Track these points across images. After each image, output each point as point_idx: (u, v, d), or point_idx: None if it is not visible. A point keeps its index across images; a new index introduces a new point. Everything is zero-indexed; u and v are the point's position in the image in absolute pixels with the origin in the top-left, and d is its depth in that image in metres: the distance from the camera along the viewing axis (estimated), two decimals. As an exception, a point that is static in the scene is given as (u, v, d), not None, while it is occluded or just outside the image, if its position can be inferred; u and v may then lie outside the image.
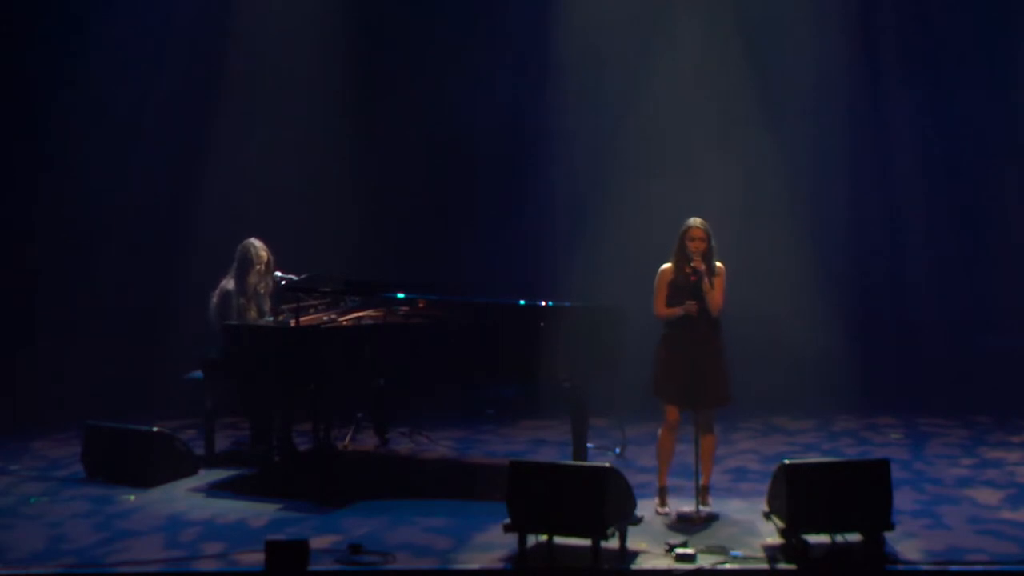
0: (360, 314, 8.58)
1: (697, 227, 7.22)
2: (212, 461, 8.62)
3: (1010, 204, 10.73)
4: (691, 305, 7.14)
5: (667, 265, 7.32)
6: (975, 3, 10.72)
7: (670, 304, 7.23)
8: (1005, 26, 10.67)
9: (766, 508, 6.68)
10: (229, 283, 8.71)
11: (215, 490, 8.01)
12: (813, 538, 6.33)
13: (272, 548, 6.22)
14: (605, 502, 6.29)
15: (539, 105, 10.85)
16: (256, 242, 8.74)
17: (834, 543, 6.35)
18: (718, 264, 7.27)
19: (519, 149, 10.97)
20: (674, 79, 10.59)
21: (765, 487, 6.76)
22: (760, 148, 10.46)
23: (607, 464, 6.52)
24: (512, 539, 6.43)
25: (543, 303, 7.96)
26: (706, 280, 7.15)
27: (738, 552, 6.44)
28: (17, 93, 10.81)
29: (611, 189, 10.57)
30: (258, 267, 8.71)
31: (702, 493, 7.23)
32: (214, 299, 8.74)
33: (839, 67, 10.66)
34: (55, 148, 10.87)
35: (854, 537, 6.37)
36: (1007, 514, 7.16)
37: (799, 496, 6.31)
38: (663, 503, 7.28)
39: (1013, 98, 10.68)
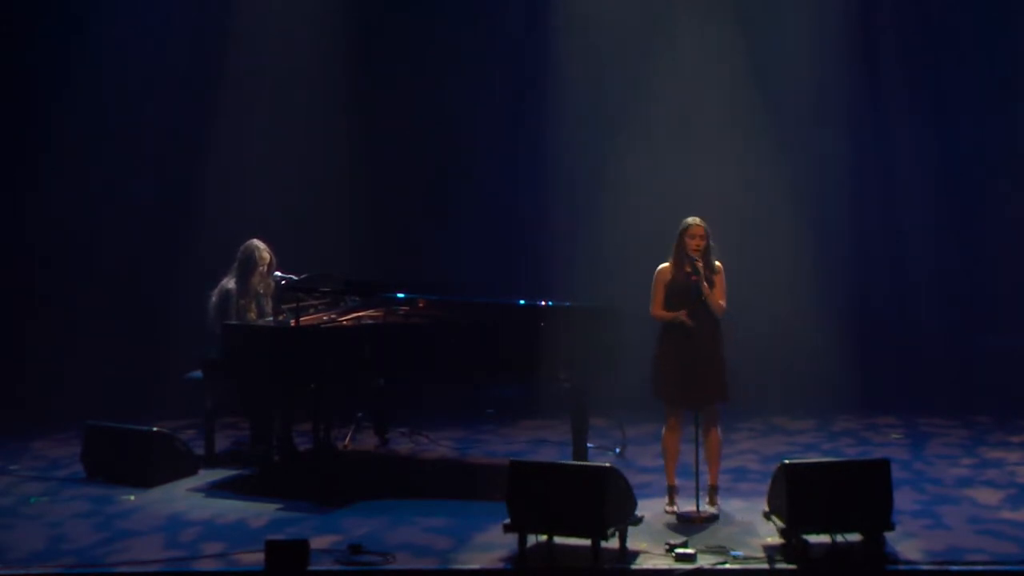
0: (360, 314, 8.58)
1: (697, 225, 7.19)
2: (212, 461, 8.62)
3: (1010, 204, 10.71)
4: (682, 314, 7.11)
5: (664, 265, 7.29)
6: (975, 4, 10.70)
7: (669, 304, 7.21)
8: (1005, 26, 10.65)
9: (766, 508, 6.68)
10: (229, 283, 8.71)
11: (215, 490, 8.01)
12: (813, 538, 6.33)
13: (272, 548, 6.22)
14: (605, 502, 6.29)
15: (538, 105, 10.84)
16: (259, 243, 8.73)
17: (834, 543, 6.35)
18: (717, 263, 7.25)
19: (519, 148, 10.97)
20: (674, 79, 10.59)
21: (765, 487, 6.77)
22: (760, 148, 10.45)
23: (607, 464, 6.53)
24: (512, 539, 6.44)
25: (543, 303, 7.96)
26: (705, 283, 7.13)
27: (738, 552, 6.44)
28: (17, 94, 10.81)
29: (610, 189, 10.57)
30: (261, 268, 8.71)
31: (709, 493, 7.23)
32: (213, 298, 8.74)
33: (839, 68, 10.65)
34: (55, 149, 10.86)
35: (854, 537, 6.38)
36: (1007, 514, 7.16)
37: (799, 496, 6.31)
38: (672, 501, 7.27)
39: (1013, 99, 10.67)
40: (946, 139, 10.75)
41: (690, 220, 7.24)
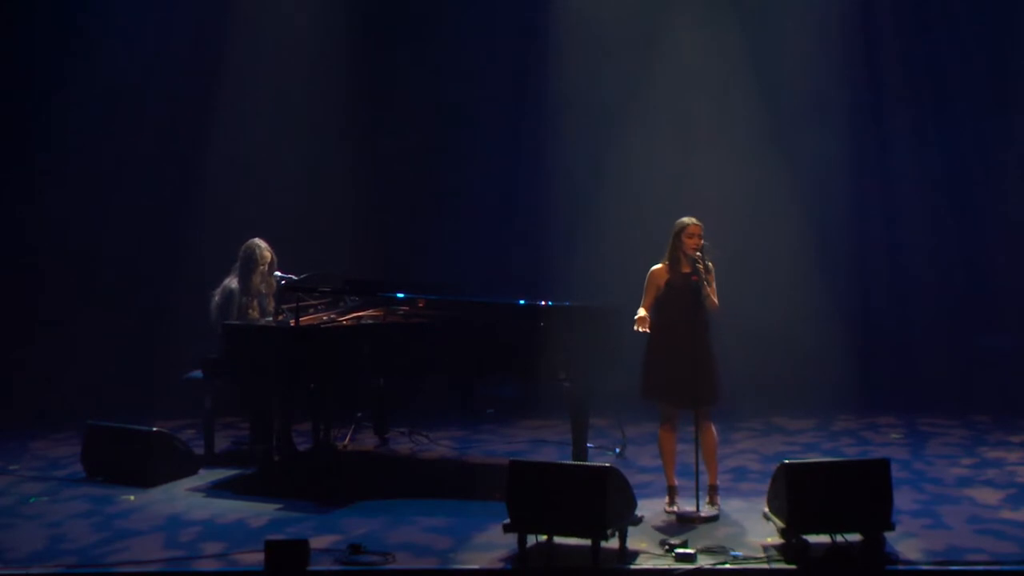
0: (360, 314, 8.58)
1: (695, 224, 7.17)
2: (212, 461, 8.62)
3: (1010, 204, 10.70)
4: (642, 323, 7.08)
5: (658, 266, 7.27)
6: (976, 11, 10.69)
7: (666, 305, 7.18)
8: (1008, 31, 10.64)
9: (766, 508, 6.69)
10: (232, 282, 8.71)
11: (215, 490, 8.01)
12: (813, 538, 6.34)
13: (272, 548, 6.22)
14: (605, 502, 6.30)
15: (538, 104, 10.85)
16: (260, 242, 8.74)
17: (834, 543, 6.35)
18: (710, 263, 7.22)
19: (518, 148, 10.97)
20: (674, 79, 10.60)
21: (765, 487, 6.77)
22: (760, 149, 10.45)
23: (607, 464, 6.53)
24: (512, 539, 6.44)
25: (543, 303, 7.96)
26: (705, 283, 7.11)
27: (738, 552, 6.45)
28: (16, 94, 10.82)
29: (610, 189, 10.58)
30: (262, 267, 8.71)
31: (709, 493, 7.23)
32: (216, 298, 8.74)
33: (839, 67, 10.65)
34: (55, 149, 10.87)
35: (854, 537, 6.38)
36: (1007, 514, 7.16)
37: (799, 496, 6.31)
38: (672, 502, 7.27)
39: (1014, 99, 10.67)
40: (946, 139, 10.74)
41: (687, 220, 7.22)
